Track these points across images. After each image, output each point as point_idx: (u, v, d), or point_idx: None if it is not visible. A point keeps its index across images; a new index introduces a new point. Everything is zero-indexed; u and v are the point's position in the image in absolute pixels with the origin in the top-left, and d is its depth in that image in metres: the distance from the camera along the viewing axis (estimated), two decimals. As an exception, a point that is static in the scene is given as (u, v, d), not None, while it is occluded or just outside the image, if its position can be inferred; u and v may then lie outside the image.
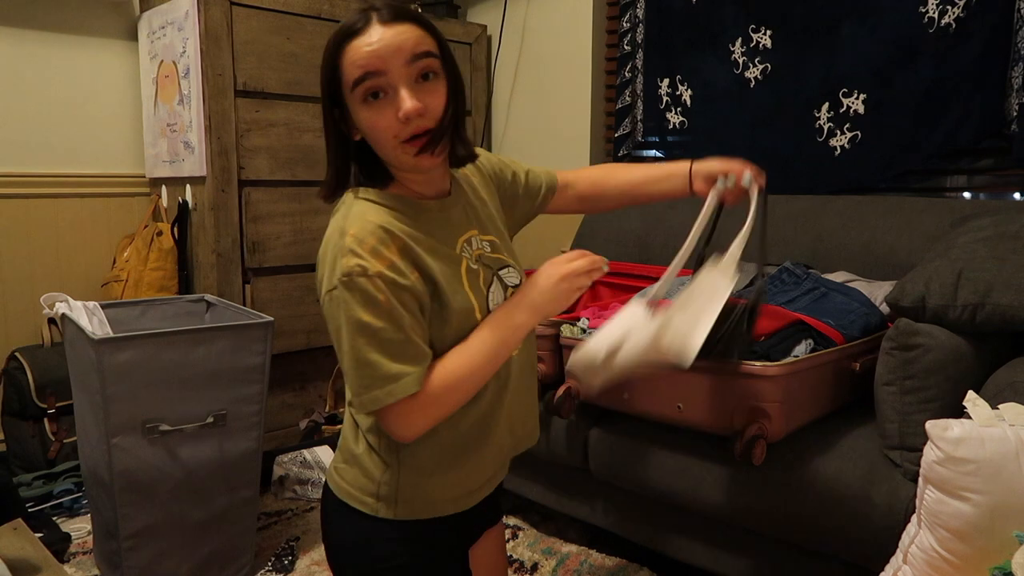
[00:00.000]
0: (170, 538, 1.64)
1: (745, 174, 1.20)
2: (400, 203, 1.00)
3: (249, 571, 1.77)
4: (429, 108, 0.94)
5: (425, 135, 0.95)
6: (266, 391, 1.70)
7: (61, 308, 1.69)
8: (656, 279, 2.04)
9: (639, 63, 2.59)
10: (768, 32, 2.23)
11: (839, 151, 2.11)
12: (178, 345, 1.57)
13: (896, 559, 1.04)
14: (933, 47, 1.90)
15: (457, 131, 1.01)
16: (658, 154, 2.62)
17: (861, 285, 1.69)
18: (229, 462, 1.67)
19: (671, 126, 2.51)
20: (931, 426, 0.97)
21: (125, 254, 2.40)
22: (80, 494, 2.13)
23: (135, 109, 2.60)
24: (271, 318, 1.69)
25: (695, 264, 1.30)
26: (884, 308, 1.57)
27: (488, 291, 1.05)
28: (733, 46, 2.31)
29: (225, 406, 1.64)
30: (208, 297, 2.01)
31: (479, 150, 1.15)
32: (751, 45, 2.27)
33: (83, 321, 1.65)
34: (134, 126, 2.61)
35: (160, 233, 2.32)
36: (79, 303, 1.71)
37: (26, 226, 2.43)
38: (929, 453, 0.97)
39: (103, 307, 1.77)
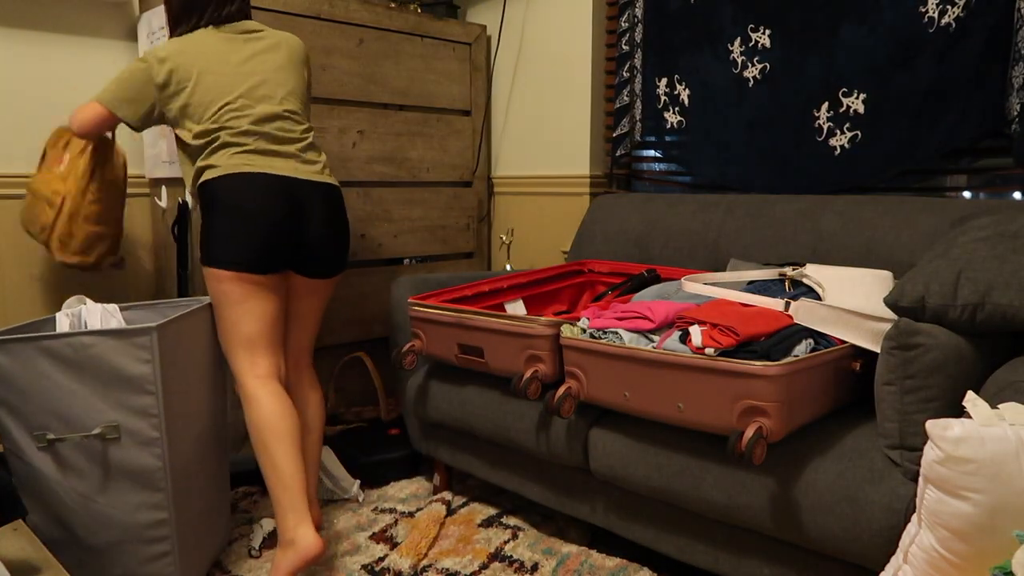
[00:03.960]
0: (79, 554, 1.55)
1: None
2: None
3: None
4: None
5: None
6: (162, 404, 1.53)
7: (74, 308, 1.69)
8: (657, 279, 2.05)
9: (637, 62, 2.59)
10: (767, 31, 2.23)
11: (839, 151, 2.11)
12: (51, 351, 1.48)
13: (896, 559, 1.04)
14: (933, 47, 1.90)
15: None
16: (657, 153, 2.63)
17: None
18: (126, 480, 1.53)
19: (669, 125, 2.51)
20: (931, 426, 0.97)
21: (60, 168, 2.06)
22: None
23: (135, 109, 2.60)
24: (153, 324, 1.51)
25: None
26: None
27: None
28: (732, 45, 2.31)
29: (115, 417, 1.51)
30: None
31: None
32: (750, 44, 2.27)
33: (63, 325, 1.64)
34: (134, 126, 2.61)
35: (108, 154, 2.11)
36: (97, 306, 1.70)
37: (26, 227, 2.43)
38: (929, 453, 0.97)
39: (122, 309, 1.78)
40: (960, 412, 1.03)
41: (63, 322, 1.66)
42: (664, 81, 2.51)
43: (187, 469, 1.63)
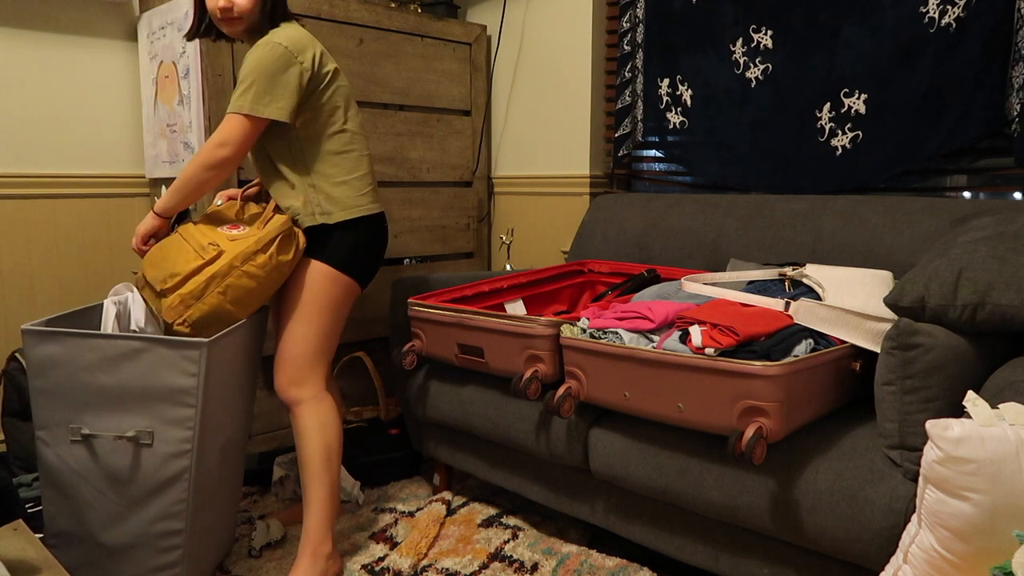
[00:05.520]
0: (89, 551, 1.55)
1: None
2: None
3: None
4: (235, 4, 1.66)
5: (230, 17, 1.68)
6: (199, 418, 1.52)
7: (121, 296, 1.69)
8: (657, 279, 2.05)
9: (639, 63, 2.59)
10: (769, 32, 2.23)
11: (840, 151, 2.11)
12: (100, 349, 1.49)
13: (896, 559, 1.04)
14: (934, 47, 1.90)
15: (263, 21, 1.69)
16: (658, 154, 2.63)
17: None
18: (150, 486, 1.53)
19: (671, 126, 2.51)
20: (931, 426, 0.97)
21: (236, 231, 1.70)
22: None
23: (135, 109, 2.61)
24: (204, 340, 1.49)
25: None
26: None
27: None
28: (734, 46, 2.31)
29: (151, 424, 1.51)
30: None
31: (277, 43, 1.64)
32: (752, 45, 2.27)
33: (110, 315, 1.65)
34: (134, 126, 2.61)
35: (292, 243, 1.71)
36: (140, 298, 1.69)
37: (25, 227, 2.43)
38: (929, 453, 0.97)
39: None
40: (960, 412, 1.03)
41: (110, 310, 1.66)
42: (666, 82, 2.51)
43: (209, 480, 1.62)
